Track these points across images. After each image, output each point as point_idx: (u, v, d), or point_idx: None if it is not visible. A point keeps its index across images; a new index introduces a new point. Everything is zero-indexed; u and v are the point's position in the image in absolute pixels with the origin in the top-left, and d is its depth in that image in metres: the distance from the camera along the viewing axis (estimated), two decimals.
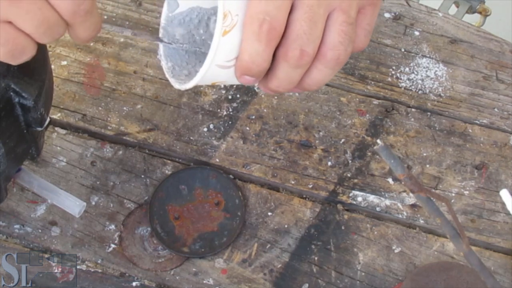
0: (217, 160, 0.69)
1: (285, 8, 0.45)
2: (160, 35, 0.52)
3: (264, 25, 0.45)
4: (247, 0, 0.46)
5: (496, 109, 0.74)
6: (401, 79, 0.77)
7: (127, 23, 0.78)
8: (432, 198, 0.42)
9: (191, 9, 0.52)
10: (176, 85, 0.49)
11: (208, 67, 0.46)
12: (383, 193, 0.68)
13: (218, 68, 0.47)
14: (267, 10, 0.45)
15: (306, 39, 0.45)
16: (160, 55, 0.51)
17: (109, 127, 0.71)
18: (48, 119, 0.56)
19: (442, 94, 0.75)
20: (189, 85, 0.48)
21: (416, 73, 0.77)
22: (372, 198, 0.68)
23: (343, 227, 0.66)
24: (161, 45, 0.51)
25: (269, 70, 0.47)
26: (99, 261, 0.64)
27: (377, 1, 0.48)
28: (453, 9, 1.06)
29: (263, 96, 0.74)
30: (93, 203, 0.67)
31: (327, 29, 0.46)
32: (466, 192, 0.69)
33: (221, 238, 0.64)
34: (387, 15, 0.82)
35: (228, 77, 0.49)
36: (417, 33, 0.81)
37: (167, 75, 0.50)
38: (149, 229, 0.65)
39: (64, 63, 0.75)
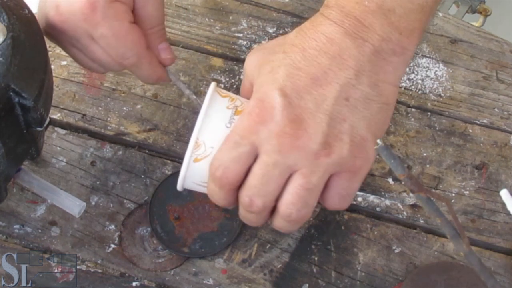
0: None
1: (242, 161, 0.48)
2: None
3: (217, 172, 0.48)
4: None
5: (496, 109, 0.74)
6: (401, 79, 0.76)
7: None
8: (432, 198, 0.42)
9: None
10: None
11: (182, 180, 0.51)
12: (383, 193, 0.68)
13: (196, 185, 0.52)
14: (223, 158, 0.48)
15: (257, 192, 0.48)
16: None
17: (109, 127, 0.71)
18: (48, 119, 0.56)
19: (442, 94, 0.75)
20: (179, 187, 0.52)
21: (416, 73, 0.77)
22: (372, 198, 0.68)
23: (343, 227, 0.66)
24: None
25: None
26: (99, 261, 0.64)
27: (359, 170, 0.48)
28: (453, 9, 1.06)
29: None
30: (93, 203, 0.67)
31: (285, 188, 0.48)
32: (466, 192, 0.69)
33: (221, 238, 0.64)
34: None
35: (204, 192, 0.53)
36: None
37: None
38: (149, 229, 0.65)
39: (64, 63, 0.75)
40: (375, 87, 0.47)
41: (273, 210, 0.50)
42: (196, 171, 0.50)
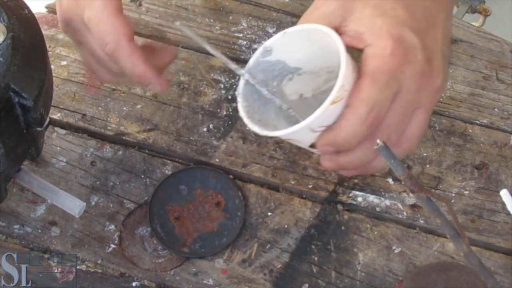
0: (217, 160, 0.69)
1: (391, 100, 0.49)
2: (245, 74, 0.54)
3: (372, 112, 0.48)
4: (354, 79, 0.49)
5: (496, 109, 0.74)
6: None
7: None
8: (432, 198, 0.42)
9: (278, 61, 0.54)
10: (255, 128, 0.51)
11: (302, 127, 0.48)
12: (383, 193, 0.68)
13: (312, 131, 0.50)
14: (378, 99, 0.48)
15: (395, 129, 0.49)
16: (239, 93, 0.52)
17: (109, 127, 0.71)
18: (48, 119, 0.56)
19: (442, 94, 0.75)
20: (270, 133, 0.50)
21: None
22: (372, 198, 0.68)
23: (343, 227, 0.66)
24: (242, 83, 0.53)
25: None
26: (99, 261, 0.64)
27: None
28: (453, 9, 1.06)
29: None
30: (93, 203, 0.67)
31: (409, 123, 0.50)
32: (466, 192, 0.69)
33: (221, 238, 0.64)
34: None
35: (306, 139, 0.52)
36: None
37: (242, 113, 0.51)
38: (149, 229, 0.65)
39: (64, 63, 0.75)
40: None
41: None
42: (328, 113, 0.49)
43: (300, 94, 0.57)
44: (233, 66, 0.53)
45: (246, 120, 0.51)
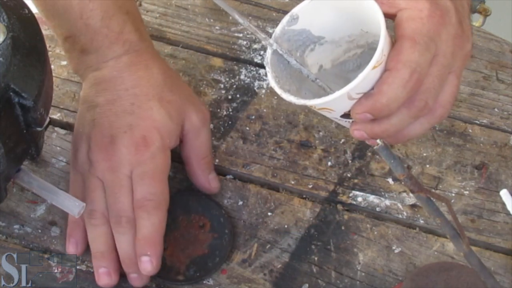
0: (217, 160, 0.69)
1: (430, 63, 0.48)
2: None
3: (414, 74, 0.47)
4: (389, 44, 0.48)
5: (496, 109, 0.74)
6: None
7: None
8: (432, 198, 0.42)
9: (303, 30, 0.53)
10: (290, 98, 0.50)
11: (342, 94, 0.47)
12: (383, 193, 0.68)
13: (346, 97, 0.48)
14: (420, 61, 0.47)
15: (433, 94, 0.48)
16: (267, 63, 0.52)
17: None
18: (48, 119, 0.56)
19: None
20: (307, 102, 0.49)
21: None
22: (372, 198, 0.68)
23: (343, 227, 0.66)
24: (269, 53, 0.52)
25: None
26: None
27: None
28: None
29: (263, 96, 0.74)
30: None
31: (442, 89, 0.50)
32: (466, 192, 0.69)
33: (214, 259, 0.63)
34: None
35: (341, 107, 0.50)
36: None
37: (273, 84, 0.50)
38: None
39: (64, 63, 0.75)
40: None
41: None
42: (368, 79, 0.48)
43: (320, 65, 0.56)
44: (261, 35, 0.52)
45: (278, 90, 0.50)
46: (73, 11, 0.63)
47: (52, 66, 0.69)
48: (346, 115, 0.51)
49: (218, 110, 0.73)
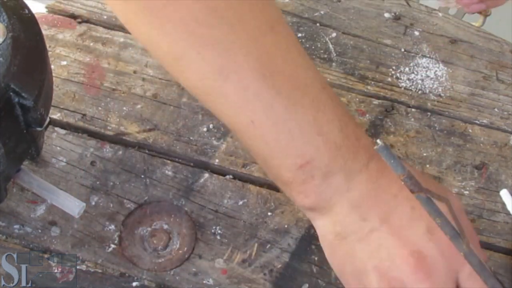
0: (217, 160, 0.69)
1: None
2: None
3: None
4: None
5: (496, 109, 0.74)
6: (401, 79, 0.77)
7: None
8: (432, 198, 0.42)
9: None
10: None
11: None
12: None
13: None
14: None
15: None
16: None
17: (108, 127, 0.71)
18: (48, 119, 0.56)
19: (442, 94, 0.75)
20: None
21: (416, 73, 0.77)
22: None
23: None
24: None
25: None
26: (99, 261, 0.64)
27: None
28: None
29: None
30: (93, 203, 0.67)
31: None
32: (466, 192, 0.69)
33: None
34: (387, 15, 0.82)
35: None
36: (417, 33, 0.81)
37: None
38: (149, 229, 0.65)
39: (64, 63, 0.75)
40: None
41: None
42: None
43: None
44: None
45: None
46: (308, 129, 0.49)
47: (52, 66, 0.69)
48: None
49: None
